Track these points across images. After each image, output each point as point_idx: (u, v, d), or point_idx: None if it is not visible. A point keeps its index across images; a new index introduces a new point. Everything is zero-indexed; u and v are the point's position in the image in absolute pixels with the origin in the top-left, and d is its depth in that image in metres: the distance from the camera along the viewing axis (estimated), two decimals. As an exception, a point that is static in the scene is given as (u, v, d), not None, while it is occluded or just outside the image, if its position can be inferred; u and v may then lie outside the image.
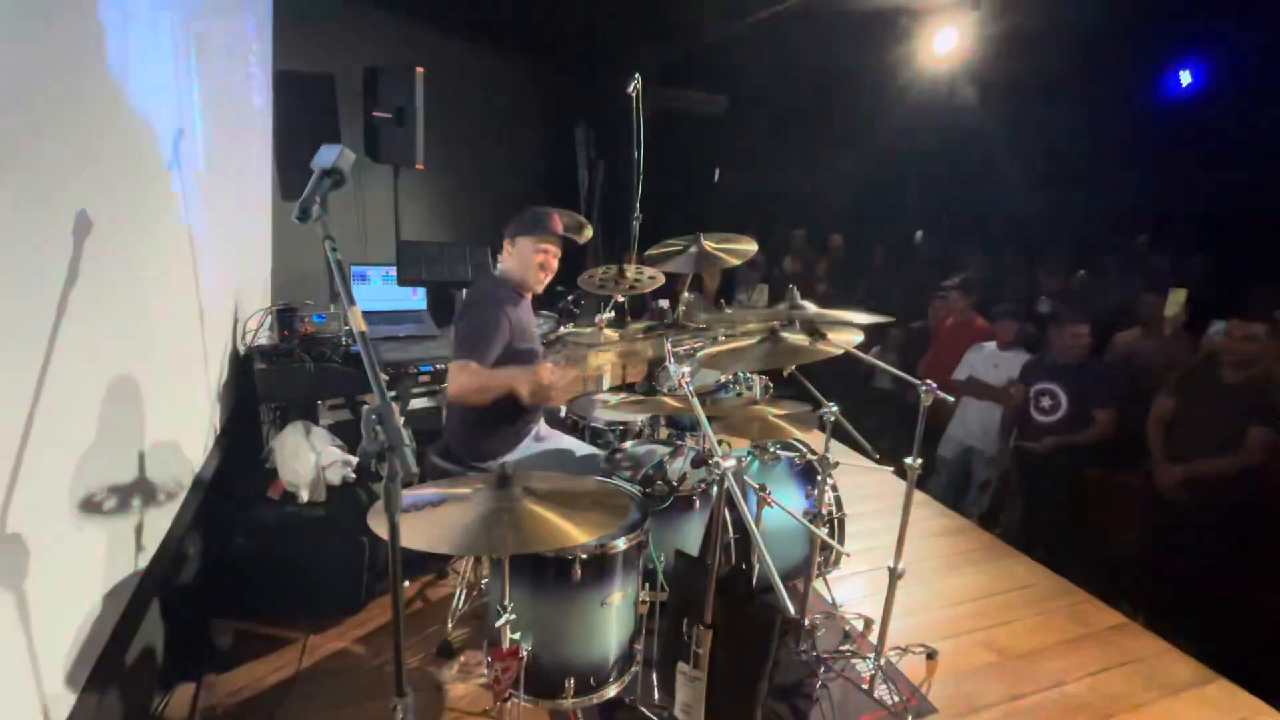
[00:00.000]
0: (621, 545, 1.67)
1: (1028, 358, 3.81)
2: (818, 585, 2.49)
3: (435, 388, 3.05)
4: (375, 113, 3.87)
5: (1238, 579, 2.82)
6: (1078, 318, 3.55)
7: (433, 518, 1.39)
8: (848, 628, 2.45)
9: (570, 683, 1.67)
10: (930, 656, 2.28)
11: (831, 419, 2.15)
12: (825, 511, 2.34)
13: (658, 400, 2.30)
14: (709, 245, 2.50)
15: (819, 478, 2.25)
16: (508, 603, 1.53)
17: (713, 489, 2.05)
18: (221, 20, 2.63)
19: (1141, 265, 5.43)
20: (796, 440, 2.50)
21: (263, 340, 2.96)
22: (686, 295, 2.79)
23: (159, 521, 1.77)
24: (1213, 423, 2.94)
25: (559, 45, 5.46)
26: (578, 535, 1.37)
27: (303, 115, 4.11)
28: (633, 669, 1.82)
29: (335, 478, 2.48)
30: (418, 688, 2.06)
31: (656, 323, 2.17)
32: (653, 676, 1.92)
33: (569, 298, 3.49)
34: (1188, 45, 5.69)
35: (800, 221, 6.79)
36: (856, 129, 6.77)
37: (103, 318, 1.44)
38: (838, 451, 2.25)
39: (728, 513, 1.89)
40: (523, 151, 5.65)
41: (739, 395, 2.64)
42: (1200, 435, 2.97)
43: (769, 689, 1.61)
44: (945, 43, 4.98)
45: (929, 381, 1.91)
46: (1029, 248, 6.23)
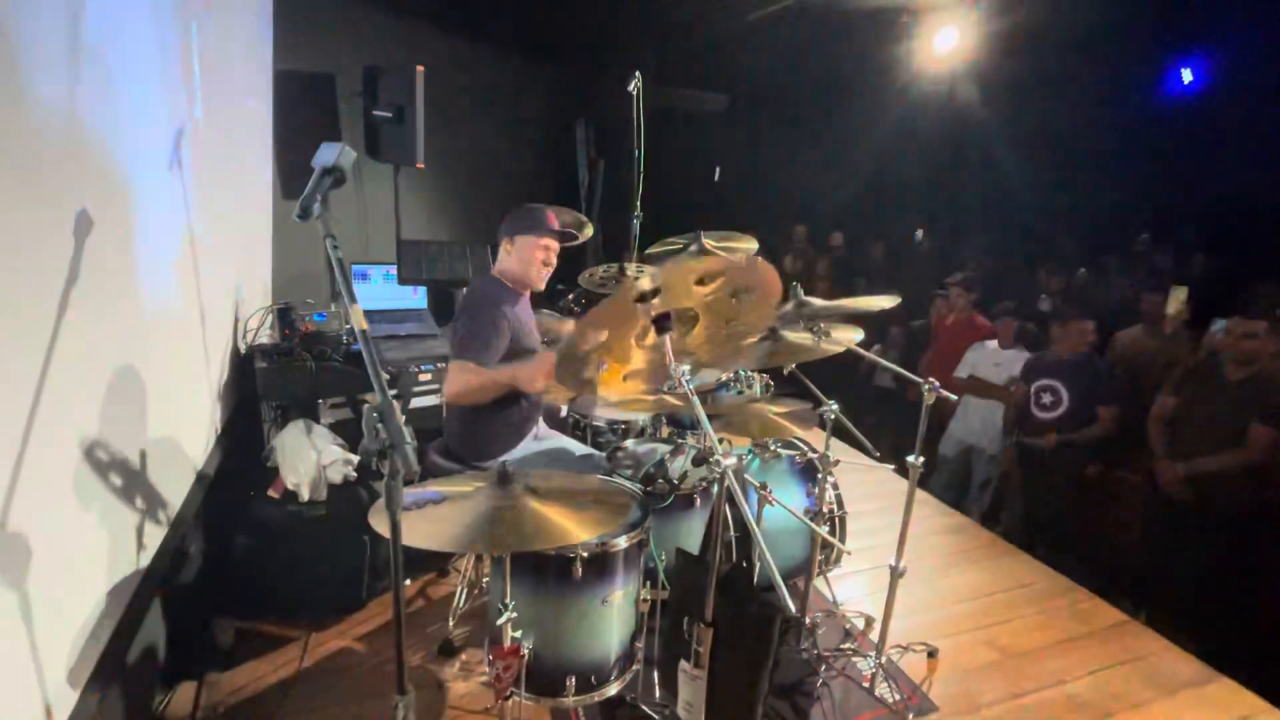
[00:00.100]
0: (622, 543, 1.67)
1: (1029, 356, 3.81)
2: (818, 583, 2.49)
3: (436, 386, 3.05)
4: (375, 112, 3.87)
5: (1239, 577, 2.82)
6: (1081, 315, 3.55)
7: (434, 516, 1.39)
8: (849, 626, 2.45)
9: (571, 681, 1.67)
10: (931, 655, 2.28)
11: (832, 417, 2.15)
12: (826, 510, 2.34)
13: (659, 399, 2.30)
14: (709, 243, 2.50)
15: (819, 476, 2.25)
16: (509, 601, 1.53)
17: (713, 487, 2.05)
18: (222, 19, 2.63)
19: (1143, 263, 5.43)
20: (797, 438, 2.50)
21: (264, 339, 2.96)
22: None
23: (160, 520, 1.78)
24: (1214, 421, 2.94)
25: (559, 44, 5.46)
26: (579, 533, 1.37)
27: (303, 114, 4.11)
28: (634, 667, 1.82)
29: (336, 476, 2.48)
30: (419, 686, 2.06)
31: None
32: (654, 674, 1.92)
33: (569, 296, 3.49)
34: (1190, 43, 5.69)
35: (801, 220, 6.78)
36: (857, 127, 6.77)
37: (104, 317, 1.44)
38: (838, 450, 2.25)
39: (728, 511, 1.90)
40: (523, 150, 5.64)
41: (739, 393, 2.64)
42: (1201, 433, 2.97)
43: (770, 687, 1.60)
44: (946, 41, 4.98)
45: (931, 380, 1.91)
46: (1030, 246, 6.23)
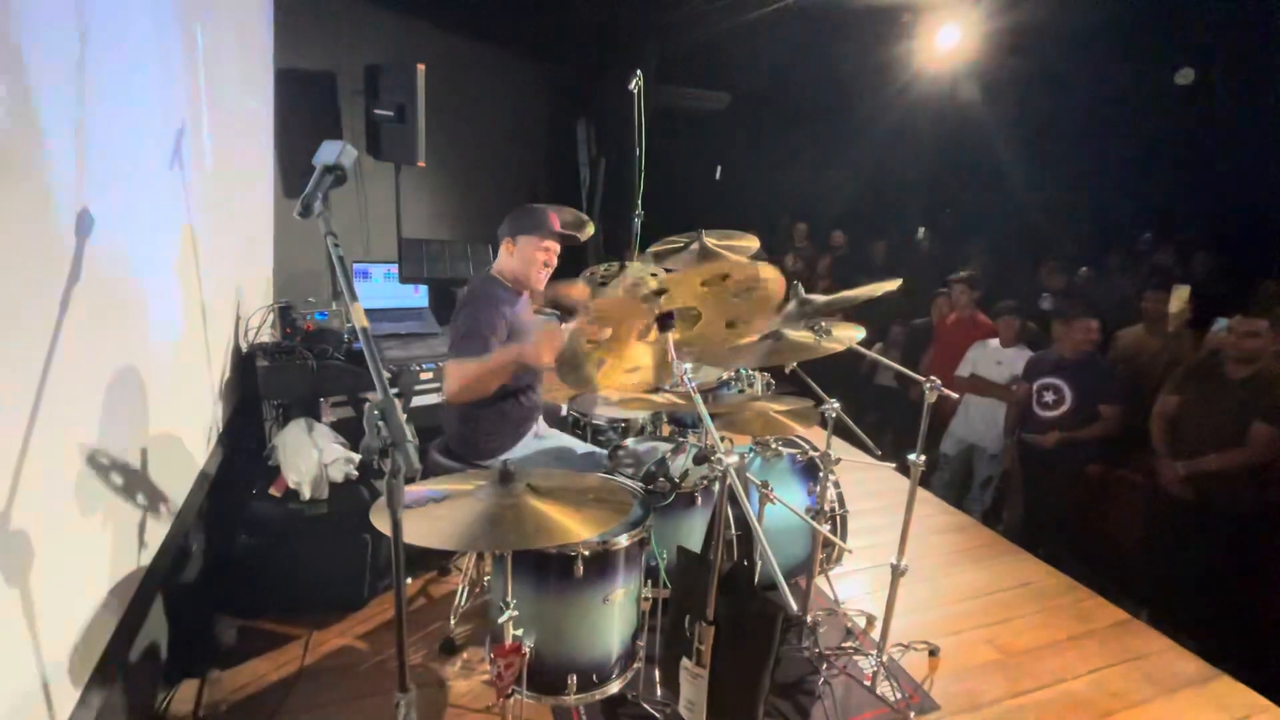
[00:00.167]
0: (624, 542, 1.67)
1: (1031, 355, 3.80)
2: (820, 582, 2.49)
3: (438, 385, 3.05)
4: (376, 110, 3.86)
5: (1241, 576, 2.82)
6: (1086, 314, 3.55)
7: (435, 514, 1.39)
8: (850, 624, 2.45)
9: (573, 679, 1.67)
10: (932, 653, 2.28)
11: (833, 415, 2.15)
12: (827, 508, 2.33)
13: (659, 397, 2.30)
14: (711, 242, 2.50)
15: (821, 474, 2.25)
16: (510, 599, 1.53)
17: (715, 485, 2.05)
18: (222, 18, 2.63)
19: (1145, 262, 5.41)
20: (798, 437, 2.50)
21: (265, 338, 2.96)
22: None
23: (162, 518, 1.78)
24: (1216, 419, 2.93)
25: (560, 42, 5.45)
26: (580, 532, 1.37)
27: (304, 113, 4.11)
28: (635, 665, 1.82)
29: (338, 475, 2.48)
30: (420, 684, 2.07)
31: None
32: (655, 673, 1.92)
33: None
34: (1192, 41, 5.67)
35: (802, 218, 6.78)
36: (859, 125, 6.76)
37: (105, 316, 1.44)
38: (839, 448, 2.24)
39: (730, 509, 1.89)
40: (524, 148, 5.64)
41: (740, 392, 2.64)
42: (1203, 432, 2.97)
43: (771, 685, 1.61)
44: (948, 39, 4.97)
45: (933, 378, 1.91)
46: (1032, 245, 6.21)
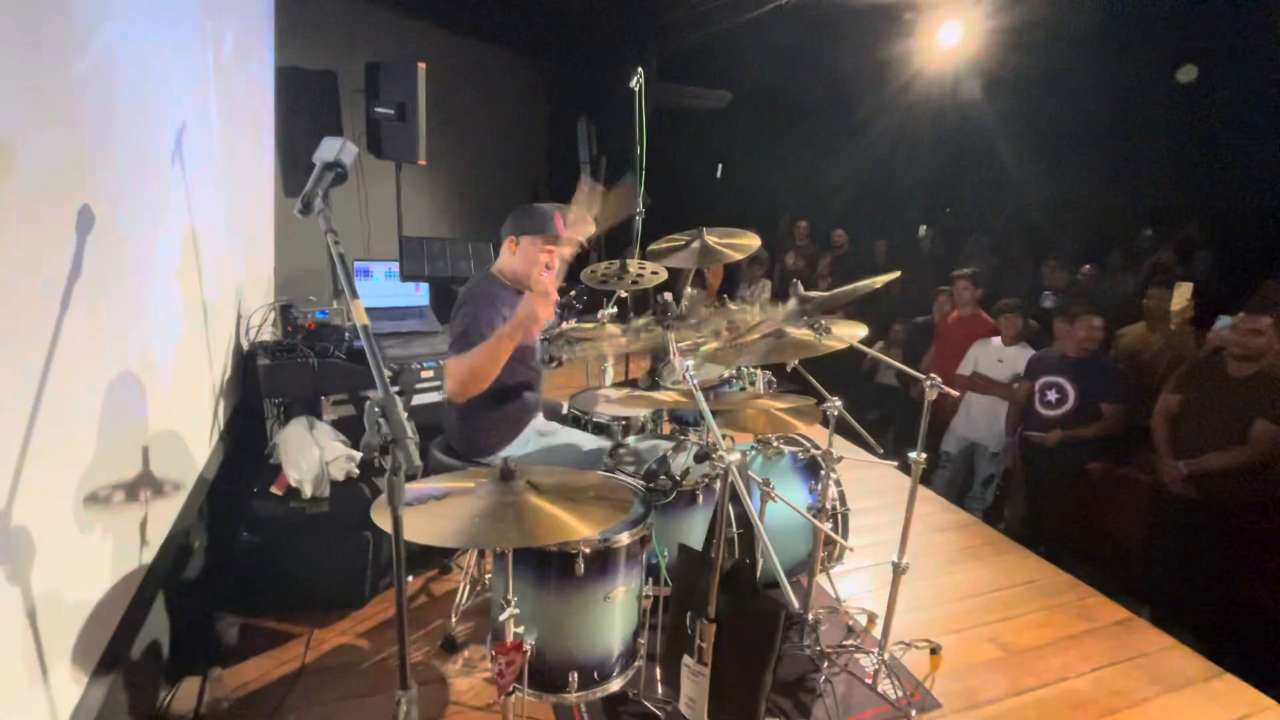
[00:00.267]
0: (625, 540, 1.67)
1: (1033, 353, 3.80)
2: (821, 580, 2.48)
3: (439, 383, 3.05)
4: (377, 108, 3.86)
5: (1243, 574, 2.82)
6: (1087, 311, 3.54)
7: (436, 512, 1.39)
8: (851, 622, 2.45)
9: (574, 677, 1.67)
10: (934, 651, 2.27)
11: (835, 414, 2.14)
12: (829, 506, 2.33)
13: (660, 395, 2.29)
14: (712, 240, 2.49)
15: (822, 472, 2.25)
16: (511, 597, 1.53)
17: (716, 483, 2.05)
18: (223, 16, 2.63)
19: (1147, 260, 5.41)
20: (800, 435, 2.50)
21: (266, 336, 2.96)
22: (690, 290, 2.79)
23: (163, 516, 1.78)
24: (1218, 417, 2.93)
25: (561, 40, 5.45)
26: (581, 530, 1.36)
27: (305, 111, 4.11)
28: (636, 663, 1.82)
29: (339, 473, 2.48)
30: (421, 682, 2.07)
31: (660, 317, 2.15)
32: (656, 671, 1.92)
33: (571, 293, 3.48)
34: (1193, 40, 5.66)
35: (803, 216, 6.77)
36: (860, 123, 6.75)
37: (106, 314, 1.44)
38: (841, 446, 2.24)
39: (731, 507, 1.89)
40: (525, 146, 5.65)
41: (742, 390, 2.63)
42: (1205, 430, 2.96)
43: (773, 683, 1.60)
44: (949, 36, 4.96)
45: (934, 376, 1.90)
46: (1033, 243, 6.21)
